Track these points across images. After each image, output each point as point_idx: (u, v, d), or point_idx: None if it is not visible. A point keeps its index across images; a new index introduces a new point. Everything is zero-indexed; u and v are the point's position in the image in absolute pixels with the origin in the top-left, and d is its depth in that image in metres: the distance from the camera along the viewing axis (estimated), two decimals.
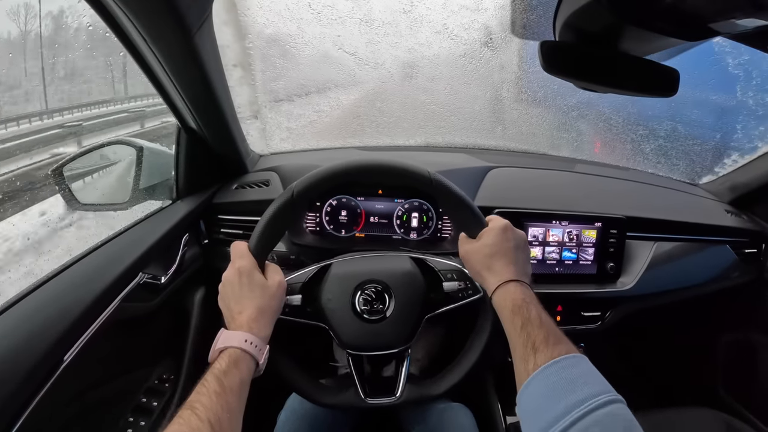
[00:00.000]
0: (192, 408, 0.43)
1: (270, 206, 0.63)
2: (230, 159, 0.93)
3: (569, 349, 0.46)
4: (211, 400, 0.44)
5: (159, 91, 0.72)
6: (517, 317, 0.51)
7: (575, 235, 0.90)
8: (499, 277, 0.56)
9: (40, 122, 1.45)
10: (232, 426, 0.45)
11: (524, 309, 0.51)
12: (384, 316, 0.65)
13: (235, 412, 0.46)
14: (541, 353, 0.46)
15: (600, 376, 0.44)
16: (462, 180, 0.91)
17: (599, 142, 1.25)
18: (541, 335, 0.48)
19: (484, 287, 0.60)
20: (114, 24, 0.57)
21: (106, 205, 0.90)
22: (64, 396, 0.56)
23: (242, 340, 0.51)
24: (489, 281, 0.57)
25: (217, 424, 0.42)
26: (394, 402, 0.65)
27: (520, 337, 0.49)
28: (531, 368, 0.45)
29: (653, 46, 0.59)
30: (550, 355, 0.45)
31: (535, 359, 0.46)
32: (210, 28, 0.62)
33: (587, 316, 0.93)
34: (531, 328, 0.49)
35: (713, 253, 1.02)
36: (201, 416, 0.42)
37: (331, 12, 0.82)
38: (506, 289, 0.55)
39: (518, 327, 0.50)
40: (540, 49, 0.55)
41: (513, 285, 0.55)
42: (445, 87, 1.06)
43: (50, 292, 0.59)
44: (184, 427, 0.41)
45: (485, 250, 0.59)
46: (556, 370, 0.44)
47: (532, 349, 0.47)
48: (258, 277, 0.58)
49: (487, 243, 0.60)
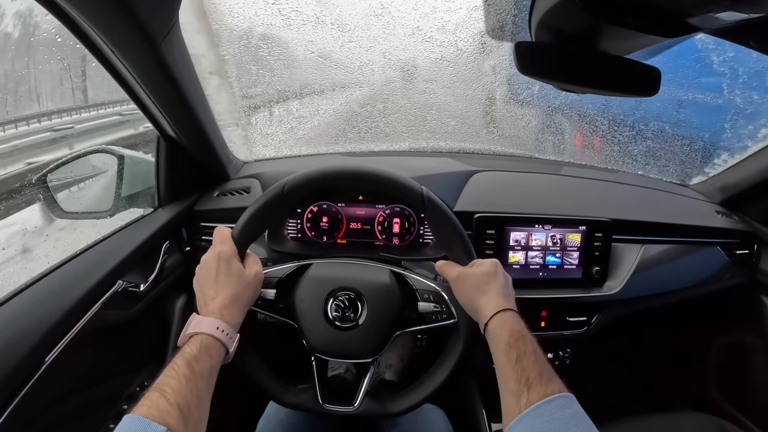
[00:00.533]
0: (161, 391, 0.42)
1: (259, 197, 0.63)
2: (211, 166, 0.93)
3: (561, 388, 0.47)
4: (181, 383, 0.44)
5: (134, 100, 0.72)
6: (513, 350, 0.51)
7: (559, 239, 0.89)
8: (497, 303, 0.56)
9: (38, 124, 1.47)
10: (200, 412, 0.44)
11: (521, 342, 0.51)
12: (354, 325, 0.65)
13: (204, 398, 0.46)
14: (534, 390, 0.46)
15: (588, 419, 0.44)
16: (444, 185, 0.91)
17: (580, 135, 1.24)
18: (536, 371, 0.48)
19: (476, 313, 0.59)
20: (82, 36, 0.58)
21: (88, 213, 0.90)
22: (44, 402, 0.57)
23: (214, 327, 0.51)
24: (485, 306, 0.57)
25: (186, 408, 0.42)
26: (351, 412, 0.65)
27: (514, 370, 0.49)
28: (524, 404, 0.45)
29: (632, 45, 0.58)
30: (543, 393, 0.45)
31: (528, 395, 0.46)
32: (178, 37, 0.62)
33: (573, 321, 0.91)
34: (527, 362, 0.49)
35: (704, 255, 1.01)
36: (170, 399, 0.42)
37: (300, 16, 0.81)
38: (504, 318, 0.55)
39: (513, 360, 0.50)
40: (515, 51, 0.54)
41: (511, 315, 0.55)
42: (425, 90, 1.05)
43: (28, 300, 0.59)
44: (152, 409, 0.40)
45: (482, 277, 0.60)
46: (549, 409, 0.44)
47: (525, 385, 0.47)
48: (236, 264, 0.58)
49: (483, 270, 0.61)
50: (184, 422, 0.41)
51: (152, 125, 0.80)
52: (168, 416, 0.40)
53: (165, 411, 0.40)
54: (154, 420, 0.39)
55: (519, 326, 0.54)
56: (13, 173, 1.05)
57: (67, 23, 0.56)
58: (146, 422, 0.39)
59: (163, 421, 0.39)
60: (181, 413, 0.41)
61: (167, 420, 0.40)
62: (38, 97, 1.31)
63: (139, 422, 0.39)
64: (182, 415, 0.41)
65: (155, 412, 0.40)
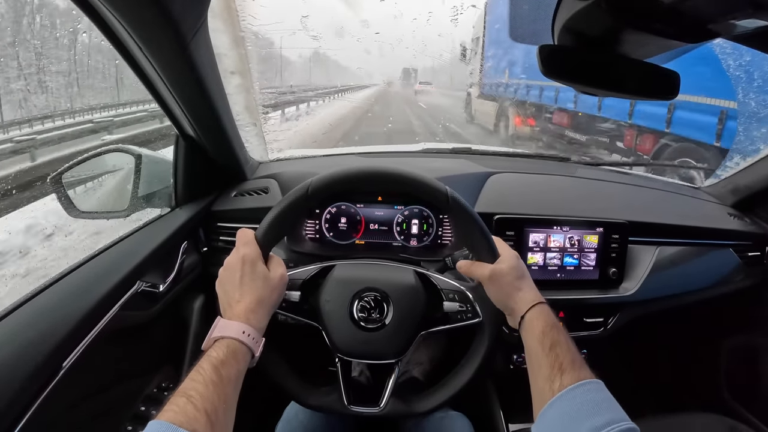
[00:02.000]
0: (188, 396, 0.41)
1: (283, 198, 0.63)
2: (229, 166, 0.93)
3: (591, 375, 0.49)
4: (208, 389, 0.43)
5: (156, 99, 0.71)
6: (548, 338, 0.53)
7: (577, 241, 0.89)
8: (534, 297, 0.59)
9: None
10: (227, 417, 0.44)
11: (555, 331, 0.54)
12: (380, 326, 0.65)
13: (231, 403, 0.45)
14: (567, 374, 0.48)
15: (618, 405, 0.46)
16: (462, 186, 0.90)
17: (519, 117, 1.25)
18: (569, 357, 0.50)
19: (512, 309, 0.60)
20: (109, 32, 0.57)
21: (105, 213, 0.89)
22: (63, 403, 0.56)
23: (240, 332, 0.50)
24: (522, 301, 0.59)
25: (213, 414, 0.41)
26: (376, 413, 0.65)
27: (548, 357, 0.51)
28: (557, 388, 0.47)
29: (653, 49, 0.58)
30: (576, 377, 0.48)
31: (561, 380, 0.48)
32: (205, 36, 0.61)
33: (590, 323, 0.92)
34: (560, 349, 0.51)
35: (716, 257, 1.01)
36: (197, 405, 0.41)
37: (325, 25, 0.81)
38: (541, 310, 0.57)
39: (547, 347, 0.52)
40: (539, 54, 0.54)
41: (546, 307, 0.58)
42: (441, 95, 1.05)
43: (48, 301, 0.58)
44: (179, 415, 0.39)
45: (514, 273, 0.61)
46: (582, 392, 0.46)
47: (559, 370, 0.49)
48: (261, 267, 0.57)
49: (513, 266, 0.62)
50: (212, 429, 0.40)
51: (172, 124, 0.80)
52: (196, 422, 0.39)
53: (193, 417, 0.40)
54: (181, 426, 0.38)
55: (553, 318, 0.57)
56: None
57: (95, 19, 0.55)
58: (174, 429, 0.38)
59: (191, 428, 0.38)
60: (208, 419, 0.40)
61: (195, 426, 0.39)
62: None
63: (167, 428, 0.38)
64: (210, 421, 0.40)
65: (183, 418, 0.39)
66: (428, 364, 1.09)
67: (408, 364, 1.08)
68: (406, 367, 1.07)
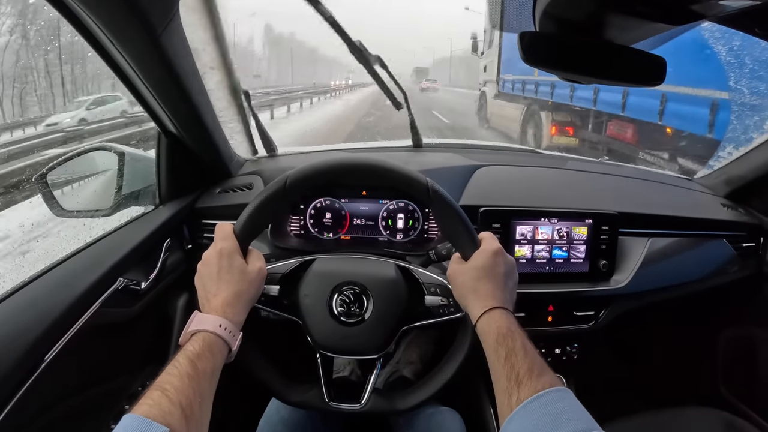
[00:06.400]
0: (162, 389, 0.41)
1: (261, 192, 0.62)
2: (213, 163, 0.92)
3: (553, 382, 0.45)
4: (183, 382, 0.42)
5: (134, 94, 0.71)
6: (501, 347, 0.50)
7: (565, 233, 0.88)
8: (484, 302, 0.55)
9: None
10: (202, 412, 0.43)
11: (509, 338, 0.50)
12: (359, 320, 0.64)
13: (206, 397, 0.45)
14: (524, 386, 0.45)
15: (584, 411, 0.43)
16: (448, 179, 0.90)
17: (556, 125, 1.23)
18: (525, 366, 0.47)
19: (468, 311, 0.58)
20: (81, 27, 0.57)
21: (89, 211, 0.89)
22: (44, 399, 0.56)
23: (216, 325, 0.50)
24: (474, 306, 0.56)
25: (188, 408, 0.41)
26: (358, 410, 0.64)
27: (504, 368, 0.48)
28: (514, 403, 0.44)
29: (637, 34, 0.57)
30: (533, 389, 0.44)
31: (518, 393, 0.45)
32: (178, 29, 0.61)
33: (580, 316, 0.90)
34: (515, 359, 0.48)
35: (710, 248, 1.00)
36: (172, 399, 0.40)
37: (302, 9, 0.79)
38: (491, 317, 0.54)
39: (502, 358, 0.49)
40: (519, 41, 0.53)
41: (498, 312, 0.54)
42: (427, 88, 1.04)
43: (26, 298, 0.58)
44: (153, 408, 0.39)
45: (473, 273, 0.58)
46: (540, 405, 0.43)
47: (515, 383, 0.46)
48: (239, 260, 0.57)
49: (476, 266, 0.58)
50: (187, 423, 0.40)
51: (153, 121, 0.79)
52: (170, 416, 0.39)
53: (167, 411, 0.39)
54: (155, 420, 0.37)
55: (507, 323, 0.52)
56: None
57: (65, 13, 0.55)
58: (148, 422, 0.37)
59: (165, 422, 0.38)
60: (183, 413, 0.40)
61: (169, 420, 0.38)
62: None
63: (140, 422, 0.37)
64: (184, 415, 0.40)
65: (157, 411, 0.39)
66: (419, 363, 1.08)
67: (398, 364, 1.07)
68: (396, 366, 1.06)
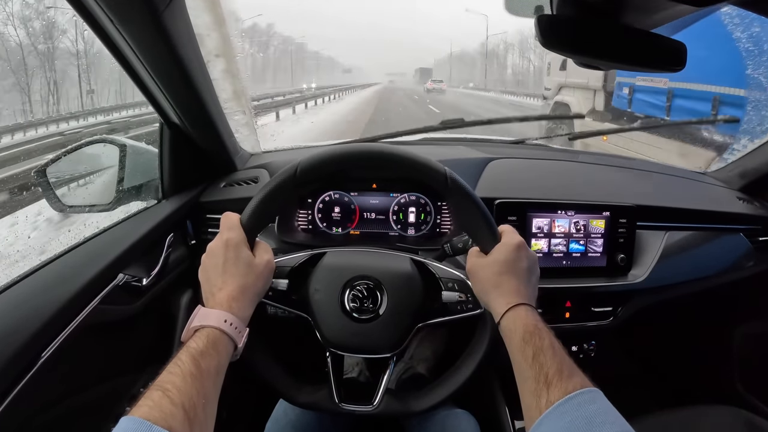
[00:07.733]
0: (164, 389, 0.38)
1: (270, 180, 0.58)
2: (217, 156, 0.89)
3: (584, 383, 0.43)
4: (186, 382, 0.39)
5: (136, 83, 0.68)
6: (529, 346, 0.46)
7: (582, 226, 0.86)
8: (508, 299, 0.52)
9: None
10: (206, 413, 0.40)
11: (536, 337, 0.47)
12: (373, 317, 0.60)
13: (211, 398, 0.42)
14: (554, 388, 0.42)
15: (617, 414, 0.40)
16: (461, 171, 0.86)
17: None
18: (555, 367, 0.44)
19: (490, 308, 0.54)
20: (81, 8, 0.54)
21: (90, 206, 0.86)
22: (39, 401, 0.53)
23: (221, 320, 0.46)
24: (497, 302, 0.52)
25: (192, 409, 0.38)
26: (370, 411, 0.61)
27: (531, 368, 0.45)
28: (544, 405, 0.41)
29: (658, 18, 0.55)
30: (564, 390, 0.41)
31: (548, 395, 0.42)
32: (181, 8, 0.58)
33: (598, 312, 0.88)
34: (544, 358, 0.45)
35: (727, 242, 0.98)
36: (174, 400, 0.37)
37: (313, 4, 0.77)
38: (517, 314, 0.50)
39: (530, 357, 0.46)
40: (537, 25, 0.51)
41: (523, 309, 0.51)
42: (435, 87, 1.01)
43: (21, 293, 0.55)
44: (154, 410, 0.36)
45: (495, 267, 0.54)
46: (572, 407, 0.40)
47: (545, 384, 0.43)
48: (246, 252, 0.53)
49: (498, 259, 0.55)
50: (190, 425, 0.37)
51: (155, 110, 0.76)
52: (172, 418, 0.36)
53: (169, 413, 0.36)
54: (156, 423, 0.34)
55: (533, 320, 0.49)
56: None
57: None
58: (148, 425, 0.34)
59: (166, 424, 0.35)
60: (186, 415, 0.37)
61: (171, 423, 0.35)
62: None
63: (140, 425, 0.34)
64: (187, 417, 0.37)
65: (158, 413, 0.35)
66: (433, 359, 1.05)
67: (411, 360, 1.04)
68: (409, 363, 1.03)
